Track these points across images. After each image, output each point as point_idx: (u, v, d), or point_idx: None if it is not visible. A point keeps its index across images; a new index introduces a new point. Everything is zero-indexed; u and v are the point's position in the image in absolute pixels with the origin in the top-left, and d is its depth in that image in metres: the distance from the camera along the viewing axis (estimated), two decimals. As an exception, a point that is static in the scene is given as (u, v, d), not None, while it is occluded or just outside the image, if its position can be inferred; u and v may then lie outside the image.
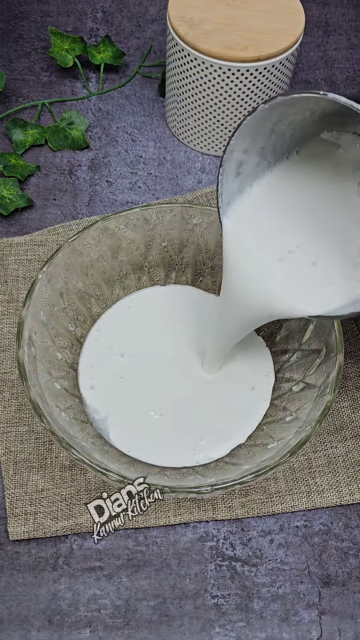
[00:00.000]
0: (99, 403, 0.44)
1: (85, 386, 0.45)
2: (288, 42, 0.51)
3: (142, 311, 0.49)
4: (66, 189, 0.57)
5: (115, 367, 0.46)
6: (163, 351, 0.47)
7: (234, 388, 0.46)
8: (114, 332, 0.48)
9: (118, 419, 0.44)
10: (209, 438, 0.43)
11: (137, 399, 0.45)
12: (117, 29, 0.69)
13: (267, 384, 0.46)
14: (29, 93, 0.63)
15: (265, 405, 0.45)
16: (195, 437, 0.44)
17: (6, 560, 0.40)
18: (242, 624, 0.39)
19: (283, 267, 0.38)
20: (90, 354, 0.47)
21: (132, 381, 0.46)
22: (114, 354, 0.47)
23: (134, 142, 0.61)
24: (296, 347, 0.46)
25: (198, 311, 0.50)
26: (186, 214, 0.47)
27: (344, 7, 0.74)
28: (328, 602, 0.40)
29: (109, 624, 0.39)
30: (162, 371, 0.46)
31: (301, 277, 0.38)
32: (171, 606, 0.39)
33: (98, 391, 0.45)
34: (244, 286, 0.39)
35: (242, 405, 0.45)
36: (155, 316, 0.49)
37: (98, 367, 0.46)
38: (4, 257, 0.51)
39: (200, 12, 0.52)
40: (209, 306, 0.50)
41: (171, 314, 0.50)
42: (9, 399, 0.45)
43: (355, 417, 0.46)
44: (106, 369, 0.46)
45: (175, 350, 0.48)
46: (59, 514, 0.41)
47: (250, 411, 0.45)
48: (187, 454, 0.43)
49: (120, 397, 0.45)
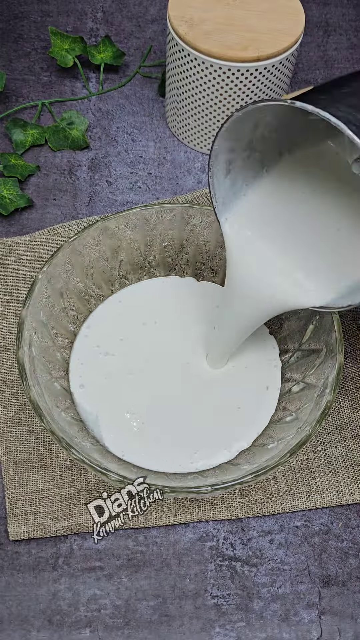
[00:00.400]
0: (88, 402, 0.43)
1: (75, 384, 0.44)
2: (288, 42, 0.50)
3: (134, 305, 0.48)
4: (66, 189, 0.57)
5: (102, 366, 0.45)
6: (156, 348, 0.46)
7: (242, 387, 0.45)
8: (103, 329, 0.47)
9: (109, 421, 0.43)
10: (205, 449, 0.42)
11: (126, 401, 0.44)
12: (117, 29, 0.69)
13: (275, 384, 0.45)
14: (29, 93, 0.63)
15: (273, 404, 0.44)
16: (192, 446, 0.42)
17: (6, 560, 0.40)
18: (242, 624, 0.39)
19: (285, 260, 0.38)
20: (80, 350, 0.46)
21: (120, 382, 0.45)
22: (100, 352, 0.46)
23: (134, 142, 0.61)
24: (296, 347, 0.46)
25: (196, 302, 0.49)
26: (186, 214, 0.47)
27: (344, 7, 0.74)
28: (328, 602, 0.40)
29: (109, 624, 0.39)
30: (155, 370, 0.45)
31: (303, 268, 0.38)
32: (171, 606, 0.39)
33: (87, 389, 0.44)
34: (246, 280, 0.39)
35: (248, 406, 0.44)
36: (148, 309, 0.48)
37: (87, 365, 0.45)
38: (4, 257, 0.51)
39: (200, 12, 0.52)
40: (207, 296, 0.49)
41: (166, 306, 0.49)
42: (9, 399, 0.45)
43: (355, 417, 0.46)
44: (94, 367, 0.45)
45: (170, 346, 0.46)
46: (59, 514, 0.41)
47: (258, 411, 0.44)
48: (184, 461, 0.42)
49: (109, 398, 0.44)
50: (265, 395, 0.45)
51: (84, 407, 0.43)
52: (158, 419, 0.43)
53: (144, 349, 0.46)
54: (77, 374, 0.45)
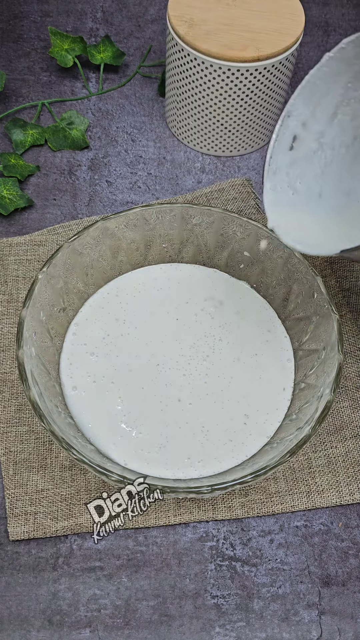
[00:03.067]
0: (83, 411, 0.42)
1: (68, 385, 0.43)
2: (288, 42, 0.50)
3: (126, 297, 0.47)
4: (66, 189, 0.57)
5: (89, 368, 0.44)
6: (149, 346, 0.45)
7: (256, 389, 0.43)
8: (91, 326, 0.45)
9: (106, 433, 0.41)
10: (213, 461, 0.41)
11: (120, 410, 0.42)
12: (117, 29, 0.69)
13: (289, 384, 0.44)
14: (28, 93, 0.63)
15: (286, 406, 0.43)
16: (198, 457, 0.41)
17: (6, 561, 0.40)
18: (242, 624, 0.39)
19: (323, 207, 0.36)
20: (69, 349, 0.45)
21: (113, 386, 0.43)
22: (86, 351, 0.44)
23: (133, 142, 0.61)
24: (296, 347, 0.46)
25: (195, 289, 0.48)
26: (186, 214, 0.47)
27: (344, 7, 0.74)
28: (328, 602, 0.40)
29: (109, 624, 0.39)
30: (151, 371, 0.44)
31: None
32: (171, 606, 0.39)
33: (80, 393, 0.43)
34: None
35: (261, 410, 0.43)
36: (140, 301, 0.47)
37: (76, 366, 0.44)
38: (3, 257, 0.51)
39: (200, 12, 0.52)
40: (208, 280, 0.48)
41: (162, 296, 0.47)
42: (9, 399, 0.45)
43: (355, 417, 0.46)
44: (82, 369, 0.44)
45: (166, 342, 0.45)
46: (59, 514, 0.41)
47: (272, 414, 0.42)
48: (189, 472, 0.40)
49: (102, 406, 0.42)
50: (280, 396, 0.44)
51: (80, 418, 0.42)
52: (159, 428, 0.42)
53: (136, 349, 0.45)
54: (67, 374, 0.44)
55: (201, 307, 0.47)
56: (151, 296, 0.48)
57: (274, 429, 0.42)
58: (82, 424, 0.42)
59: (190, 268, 0.50)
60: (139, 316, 0.47)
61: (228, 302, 0.48)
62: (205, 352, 0.46)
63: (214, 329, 0.46)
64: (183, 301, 0.48)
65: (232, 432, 0.42)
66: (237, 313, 0.47)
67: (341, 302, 0.50)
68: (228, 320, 0.47)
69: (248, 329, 0.47)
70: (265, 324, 0.47)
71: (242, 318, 0.47)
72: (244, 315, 0.47)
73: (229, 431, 0.42)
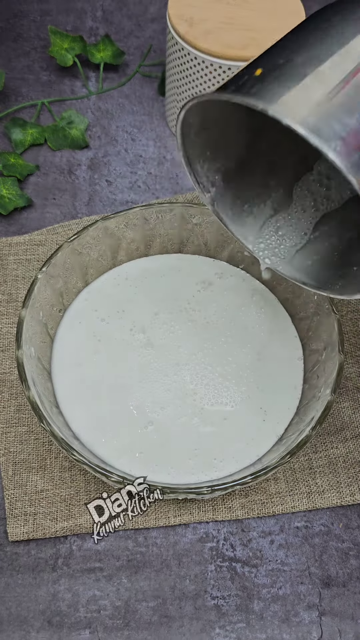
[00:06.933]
0: (83, 430, 0.41)
1: (61, 386, 0.42)
2: (288, 41, 0.50)
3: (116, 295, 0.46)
4: (66, 189, 0.57)
5: (76, 374, 0.42)
6: (144, 347, 0.44)
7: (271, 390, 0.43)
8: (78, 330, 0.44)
9: (107, 448, 0.40)
10: (219, 472, 0.40)
11: (117, 409, 0.42)
12: (116, 28, 0.69)
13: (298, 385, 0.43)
14: (28, 92, 0.63)
15: (295, 403, 0.42)
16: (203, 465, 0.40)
17: (5, 561, 0.40)
18: (242, 625, 0.39)
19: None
20: (62, 348, 0.44)
21: (110, 398, 0.42)
22: (74, 357, 0.43)
23: (133, 142, 0.60)
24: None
25: (193, 278, 0.47)
26: (186, 214, 0.46)
27: (344, 6, 0.73)
28: (328, 603, 0.40)
29: (108, 625, 0.38)
30: (147, 377, 0.43)
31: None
32: (171, 607, 0.39)
33: (74, 407, 0.42)
34: None
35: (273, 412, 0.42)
36: (135, 299, 0.46)
37: (70, 366, 0.43)
38: (3, 257, 0.51)
39: (200, 11, 0.52)
40: (207, 267, 0.47)
41: (158, 292, 0.46)
42: (9, 400, 0.45)
43: (356, 418, 0.46)
44: (71, 373, 0.43)
45: (164, 340, 0.44)
46: (59, 515, 0.41)
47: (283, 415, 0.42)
48: (195, 477, 0.40)
49: (100, 403, 0.42)
50: (291, 394, 0.43)
51: (73, 415, 0.41)
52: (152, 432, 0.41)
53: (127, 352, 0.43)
54: (61, 375, 0.43)
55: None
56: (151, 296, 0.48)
57: (283, 428, 0.42)
58: (85, 443, 0.41)
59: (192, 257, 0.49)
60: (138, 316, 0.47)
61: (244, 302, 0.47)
62: (215, 350, 0.45)
63: (220, 319, 0.46)
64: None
65: (251, 430, 0.41)
66: (256, 309, 0.46)
67: (341, 302, 0.50)
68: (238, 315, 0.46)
69: (263, 327, 0.46)
70: (280, 323, 0.46)
71: (259, 315, 0.46)
72: (261, 313, 0.46)
73: (247, 430, 0.41)
